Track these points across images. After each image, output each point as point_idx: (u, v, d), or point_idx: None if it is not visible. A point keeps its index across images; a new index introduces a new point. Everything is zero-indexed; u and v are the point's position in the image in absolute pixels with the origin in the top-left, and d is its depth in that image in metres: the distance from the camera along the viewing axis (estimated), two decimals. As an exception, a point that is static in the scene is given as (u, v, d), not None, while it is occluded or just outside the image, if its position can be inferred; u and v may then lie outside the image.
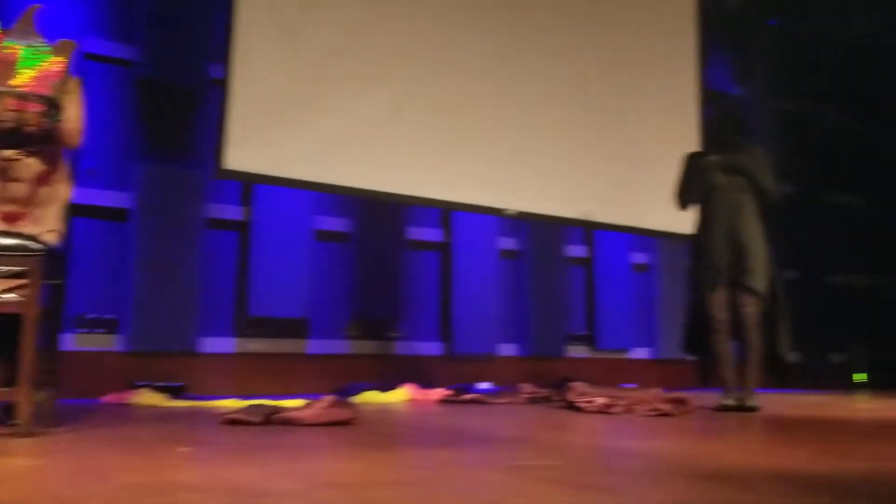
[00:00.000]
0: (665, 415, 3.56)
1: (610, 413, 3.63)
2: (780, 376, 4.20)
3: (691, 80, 6.79)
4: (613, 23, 6.34)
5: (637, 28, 6.47)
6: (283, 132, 4.75)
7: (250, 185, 5.07)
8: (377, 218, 5.55)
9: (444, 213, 5.87)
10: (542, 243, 6.30)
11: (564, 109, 5.92)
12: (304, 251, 5.23)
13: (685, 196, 4.34)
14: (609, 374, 6.22)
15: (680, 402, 3.76)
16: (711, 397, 4.12)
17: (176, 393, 4.34)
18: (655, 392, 4.12)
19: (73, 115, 2.86)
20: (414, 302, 5.72)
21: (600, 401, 3.74)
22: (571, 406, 3.86)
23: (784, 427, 3.29)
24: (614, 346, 6.61)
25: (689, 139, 6.46)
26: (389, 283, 5.56)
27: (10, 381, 2.54)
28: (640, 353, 6.78)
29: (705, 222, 4.24)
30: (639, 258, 6.88)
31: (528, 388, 4.88)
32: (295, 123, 4.79)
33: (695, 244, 4.32)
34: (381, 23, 5.18)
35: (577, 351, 6.46)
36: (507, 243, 6.18)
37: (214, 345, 4.93)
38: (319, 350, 5.27)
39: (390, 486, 1.61)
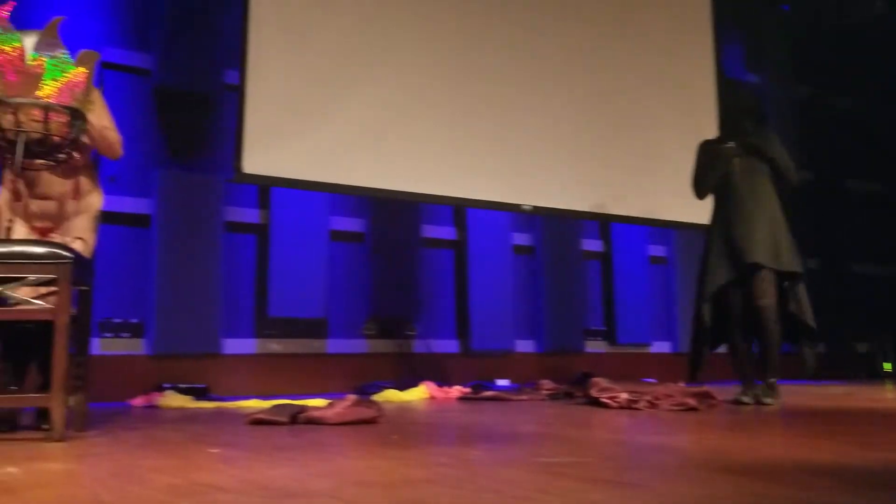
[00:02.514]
0: (691, 409, 3.53)
1: (634, 408, 3.61)
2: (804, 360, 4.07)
3: (707, 67, 6.72)
4: (627, 13, 6.31)
5: (651, 17, 6.44)
6: (297, 135, 4.78)
7: (267, 188, 5.11)
8: (391, 217, 5.57)
9: (457, 210, 5.88)
10: (557, 238, 6.30)
11: (578, 101, 5.91)
12: (321, 252, 5.26)
13: (701, 184, 4.22)
14: (628, 369, 6.22)
15: (705, 396, 3.72)
16: (732, 390, 4.08)
17: (200, 394, 4.39)
18: (678, 386, 4.05)
19: (107, 125, 2.91)
20: (430, 300, 5.74)
21: (624, 396, 3.71)
22: (594, 402, 3.84)
23: (811, 419, 3.27)
24: (634, 341, 6.60)
25: (707, 128, 6.40)
26: (405, 282, 5.59)
27: (43, 387, 2.59)
28: (661, 347, 6.77)
29: (721, 210, 4.13)
30: (656, 251, 6.86)
31: (547, 384, 4.89)
32: (308, 126, 4.83)
33: (709, 234, 4.19)
34: (389, 23, 5.19)
35: (596, 346, 6.45)
36: (521, 239, 6.19)
37: (236, 346, 4.98)
38: (338, 349, 5.31)
39: (421, 484, 1.63)
